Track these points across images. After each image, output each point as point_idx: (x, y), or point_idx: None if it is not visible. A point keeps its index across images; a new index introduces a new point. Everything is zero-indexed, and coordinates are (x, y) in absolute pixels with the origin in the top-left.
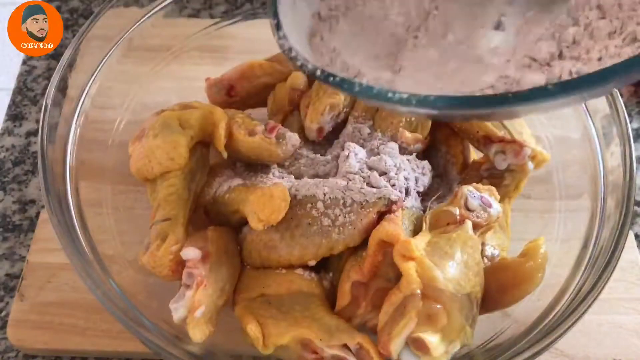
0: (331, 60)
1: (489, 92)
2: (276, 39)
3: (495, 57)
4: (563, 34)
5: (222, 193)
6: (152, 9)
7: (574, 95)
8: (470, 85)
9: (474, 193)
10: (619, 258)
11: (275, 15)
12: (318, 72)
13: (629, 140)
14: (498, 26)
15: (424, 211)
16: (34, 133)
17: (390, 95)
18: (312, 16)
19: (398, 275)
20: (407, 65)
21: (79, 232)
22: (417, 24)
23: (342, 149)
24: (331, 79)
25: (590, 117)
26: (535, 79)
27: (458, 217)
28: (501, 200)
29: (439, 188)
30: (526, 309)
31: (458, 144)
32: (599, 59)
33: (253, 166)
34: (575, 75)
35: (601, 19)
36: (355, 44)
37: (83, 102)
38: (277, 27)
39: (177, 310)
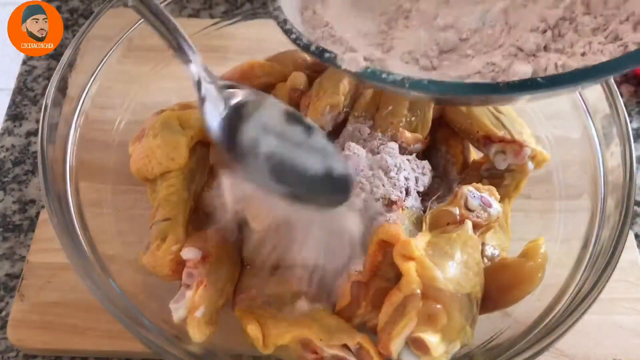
0: (322, 34)
1: (476, 77)
2: (271, 9)
3: (482, 43)
4: (549, 26)
5: (222, 193)
6: None
7: (563, 88)
8: (457, 69)
9: (474, 193)
10: (619, 258)
11: None
12: (312, 47)
13: (629, 140)
14: (486, 13)
15: (424, 211)
16: (34, 133)
17: (384, 76)
18: None
19: (398, 275)
20: (397, 45)
21: (79, 232)
22: (409, 5)
23: (342, 149)
24: (326, 54)
25: (590, 117)
26: (523, 69)
27: (458, 217)
28: (501, 200)
29: (439, 188)
30: (526, 309)
31: (458, 144)
32: (582, 54)
33: None
34: (560, 69)
35: (586, 14)
36: (347, 19)
37: (83, 102)
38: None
39: (177, 310)
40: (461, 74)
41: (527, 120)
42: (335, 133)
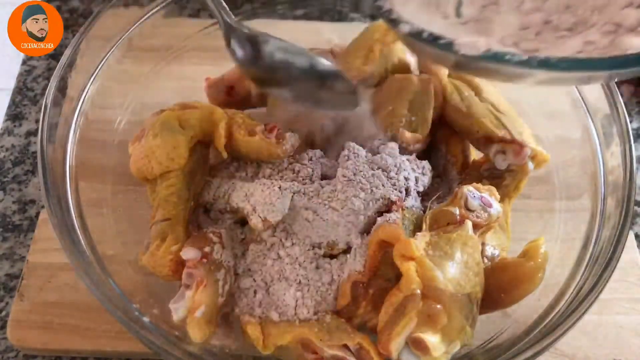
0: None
1: (581, 56)
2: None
3: (575, 23)
4: None
5: (222, 193)
6: (152, 9)
7: None
8: (558, 50)
9: (474, 193)
10: (619, 258)
11: None
12: (425, 34)
13: (629, 140)
14: None
15: (424, 211)
16: (34, 133)
17: (508, 57)
18: None
19: (398, 275)
20: (493, 30)
21: (79, 232)
22: None
23: (343, 148)
24: (441, 41)
25: (590, 117)
26: (635, 41)
27: (458, 217)
28: (501, 200)
29: (439, 188)
30: (526, 309)
31: (458, 144)
32: None
33: (252, 165)
34: None
35: None
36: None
37: (83, 102)
38: None
39: (177, 310)
40: (566, 55)
41: (527, 120)
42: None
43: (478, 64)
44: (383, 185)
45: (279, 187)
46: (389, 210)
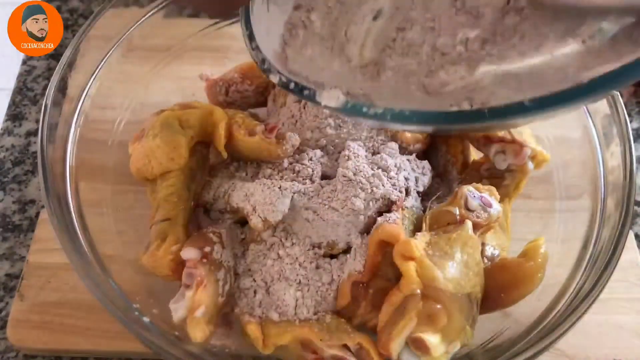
0: (302, 71)
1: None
2: (249, 49)
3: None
4: None
5: (222, 193)
6: (152, 9)
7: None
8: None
9: (474, 193)
10: (619, 258)
11: (247, 25)
12: (291, 85)
13: (629, 140)
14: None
15: (424, 211)
16: (34, 133)
17: (365, 110)
18: (285, 25)
19: (398, 275)
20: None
21: (79, 232)
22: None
23: (343, 148)
24: (305, 92)
25: (590, 117)
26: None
27: (458, 217)
28: (501, 200)
29: (439, 188)
30: (526, 309)
31: (458, 144)
32: None
33: (252, 165)
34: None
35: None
36: (328, 57)
37: (83, 102)
38: (250, 37)
39: (177, 310)
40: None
41: None
42: None
43: (346, 116)
44: (383, 185)
45: (279, 187)
46: (389, 210)
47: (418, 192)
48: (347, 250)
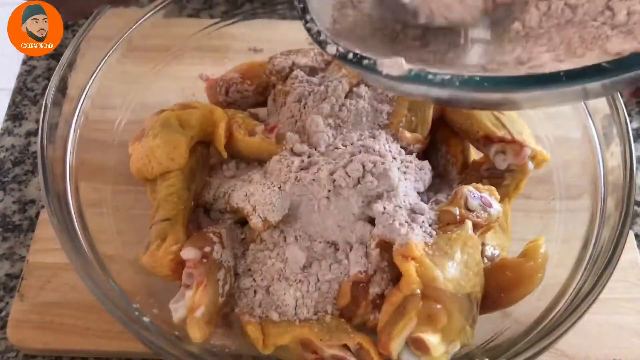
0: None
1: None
2: (303, 22)
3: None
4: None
5: (222, 193)
6: (152, 9)
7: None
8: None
9: (474, 193)
10: (619, 258)
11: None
12: (350, 55)
13: (629, 140)
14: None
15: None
16: (34, 133)
17: (430, 77)
18: (334, 5)
19: (398, 275)
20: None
21: (79, 232)
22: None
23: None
24: (364, 61)
25: (590, 117)
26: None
27: (458, 217)
28: (501, 200)
29: (439, 188)
30: (526, 309)
31: (458, 144)
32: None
33: (252, 165)
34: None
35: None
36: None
37: (83, 102)
38: (304, 10)
39: (177, 310)
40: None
41: (527, 120)
42: None
43: (404, 86)
44: (380, 184)
45: (279, 187)
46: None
47: (418, 192)
48: (346, 250)
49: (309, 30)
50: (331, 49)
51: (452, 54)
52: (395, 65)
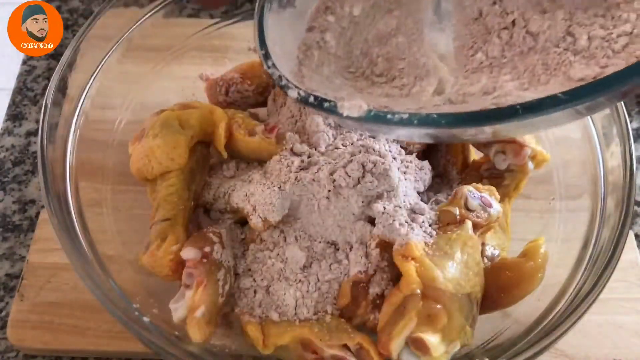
0: (320, 87)
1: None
2: (264, 68)
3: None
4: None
5: (222, 193)
6: (152, 9)
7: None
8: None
9: (474, 193)
10: (619, 258)
11: (262, 45)
12: (311, 99)
13: (629, 140)
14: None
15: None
16: (34, 133)
17: (389, 117)
18: (300, 47)
19: (398, 275)
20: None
21: (79, 232)
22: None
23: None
24: (325, 104)
25: (591, 117)
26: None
27: (458, 217)
28: (501, 201)
29: (439, 188)
30: (526, 309)
31: (458, 144)
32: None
33: (252, 165)
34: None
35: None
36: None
37: (83, 102)
38: (266, 56)
39: (177, 310)
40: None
41: None
42: None
43: (366, 125)
44: (380, 184)
45: (279, 187)
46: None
47: (418, 192)
48: (346, 249)
49: (271, 75)
50: (292, 93)
51: (417, 88)
52: (354, 107)
